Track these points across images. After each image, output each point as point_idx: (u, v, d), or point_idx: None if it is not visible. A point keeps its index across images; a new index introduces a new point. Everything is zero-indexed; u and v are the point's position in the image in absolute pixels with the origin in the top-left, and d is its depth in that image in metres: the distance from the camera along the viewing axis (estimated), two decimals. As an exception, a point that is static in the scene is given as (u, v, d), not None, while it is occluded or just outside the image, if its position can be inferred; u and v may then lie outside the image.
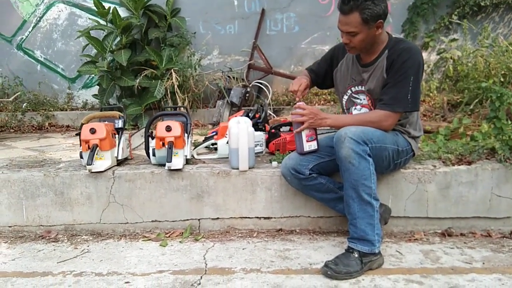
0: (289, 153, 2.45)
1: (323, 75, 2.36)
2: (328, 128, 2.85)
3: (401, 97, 1.98)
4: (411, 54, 1.98)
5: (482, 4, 4.56)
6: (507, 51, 3.82)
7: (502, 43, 3.98)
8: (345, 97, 2.25)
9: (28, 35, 5.21)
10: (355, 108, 2.22)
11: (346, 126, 1.96)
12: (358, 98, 2.19)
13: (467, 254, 2.07)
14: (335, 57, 2.30)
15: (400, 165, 2.23)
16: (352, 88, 2.20)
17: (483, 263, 1.97)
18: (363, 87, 2.15)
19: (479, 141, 2.55)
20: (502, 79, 3.74)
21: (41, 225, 2.45)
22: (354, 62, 2.19)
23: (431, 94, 4.49)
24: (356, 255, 1.89)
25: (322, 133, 2.64)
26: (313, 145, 2.12)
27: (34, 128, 4.76)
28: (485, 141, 2.50)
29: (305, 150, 2.11)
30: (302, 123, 2.05)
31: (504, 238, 2.25)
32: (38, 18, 5.17)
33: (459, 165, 2.32)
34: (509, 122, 2.44)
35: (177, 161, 2.35)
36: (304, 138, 2.10)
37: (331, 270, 1.84)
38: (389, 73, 2.02)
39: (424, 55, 4.90)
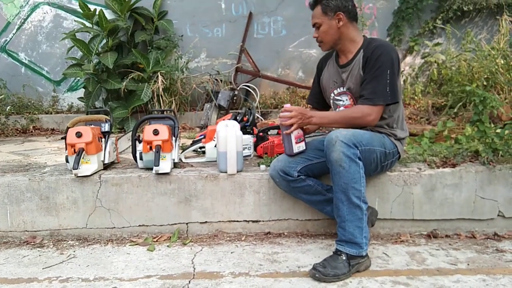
0: (277, 156, 2.45)
1: (319, 92, 2.40)
2: (317, 131, 2.87)
3: (380, 90, 2.03)
4: (384, 49, 2.06)
5: (465, 9, 4.65)
6: (490, 56, 3.89)
7: (484, 48, 4.06)
8: (331, 101, 2.31)
9: (12, 37, 5.14)
10: (339, 110, 2.26)
11: (332, 125, 2.09)
12: (340, 100, 2.24)
13: (452, 255, 2.11)
14: (320, 69, 2.40)
15: (387, 168, 2.25)
16: (335, 91, 2.26)
17: (468, 264, 2.00)
18: (343, 88, 2.21)
19: (463, 144, 2.59)
20: (485, 83, 3.81)
21: (26, 231, 2.42)
22: (334, 65, 2.28)
23: (416, 98, 4.56)
24: (344, 258, 1.90)
25: (310, 136, 2.66)
26: (301, 146, 2.14)
27: (18, 132, 4.69)
28: (469, 144, 2.54)
29: (294, 151, 2.12)
30: (291, 125, 2.06)
31: (488, 239, 2.29)
32: (23, 20, 5.10)
33: (444, 167, 2.36)
34: (492, 125, 2.50)
35: (165, 165, 2.34)
36: (293, 140, 2.11)
37: (319, 273, 1.85)
38: (366, 70, 2.09)
39: (409, 59, 4.98)
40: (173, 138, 2.47)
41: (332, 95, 2.27)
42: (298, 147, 2.13)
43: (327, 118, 2.13)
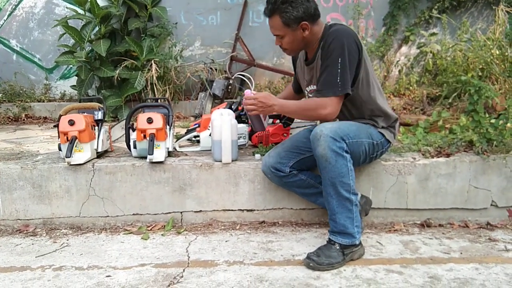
0: (272, 146, 2.45)
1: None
2: (310, 121, 2.86)
3: (330, 82, 1.92)
4: (335, 36, 1.93)
5: (462, -1, 4.64)
6: (485, 46, 3.89)
7: (480, 38, 4.05)
8: (307, 96, 2.27)
9: (3, 23, 5.05)
10: (300, 101, 2.24)
11: (291, 115, 2.18)
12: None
13: (445, 244, 2.12)
14: (294, 60, 2.35)
15: (376, 158, 2.21)
16: (307, 88, 2.22)
17: (461, 253, 2.02)
18: (314, 86, 2.14)
19: (457, 134, 2.60)
20: (480, 73, 3.82)
21: (19, 219, 2.40)
22: (303, 61, 2.21)
23: (411, 88, 4.56)
24: (338, 247, 1.90)
25: (299, 127, 2.65)
26: (268, 121, 2.35)
27: (10, 120, 4.63)
28: (463, 134, 2.54)
29: (266, 127, 2.35)
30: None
31: (481, 229, 2.30)
32: (14, 6, 5.01)
33: (438, 157, 2.37)
34: (487, 115, 2.50)
35: (159, 154, 2.32)
36: (262, 118, 2.27)
37: (313, 262, 1.85)
38: (321, 60, 1.99)
39: (404, 49, 4.97)
40: (167, 127, 2.45)
41: (306, 91, 2.24)
42: (266, 122, 2.32)
43: (287, 108, 2.06)
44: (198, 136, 2.70)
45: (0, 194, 2.36)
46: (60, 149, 2.38)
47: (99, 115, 2.54)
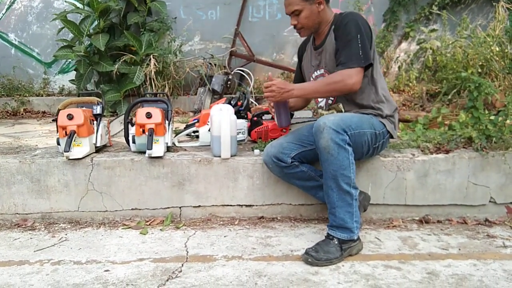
0: (271, 141, 2.44)
1: (302, 79, 2.41)
2: (310, 117, 2.86)
3: (353, 54, 2.01)
4: (350, 18, 2.06)
5: (462, -5, 4.63)
6: (485, 42, 3.88)
7: (480, 34, 4.04)
8: None
9: (1, 17, 5.02)
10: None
11: (314, 94, 2.13)
12: None
13: (443, 240, 2.12)
14: (300, 55, 2.42)
15: (378, 149, 2.22)
16: (313, 75, 2.26)
17: (459, 249, 2.02)
18: (321, 69, 2.21)
19: (456, 131, 2.60)
20: (479, 70, 3.81)
21: (17, 213, 2.39)
22: (311, 48, 2.28)
23: (410, 84, 4.55)
24: (336, 242, 1.91)
25: (304, 122, 2.65)
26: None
27: (8, 114, 4.62)
28: (462, 130, 2.54)
29: (291, 122, 2.28)
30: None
31: (479, 225, 2.31)
32: (12, 0, 4.98)
33: (437, 153, 2.36)
34: (486, 112, 2.50)
35: (158, 149, 2.31)
36: (288, 112, 2.22)
37: (311, 257, 1.85)
38: (337, 41, 2.08)
39: (404, 45, 4.96)
40: (166, 122, 2.44)
41: (312, 79, 2.27)
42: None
43: (307, 89, 2.11)
44: (197, 131, 2.70)
45: (-2, 188, 2.36)
46: (58, 143, 2.38)
47: (98, 109, 2.54)
